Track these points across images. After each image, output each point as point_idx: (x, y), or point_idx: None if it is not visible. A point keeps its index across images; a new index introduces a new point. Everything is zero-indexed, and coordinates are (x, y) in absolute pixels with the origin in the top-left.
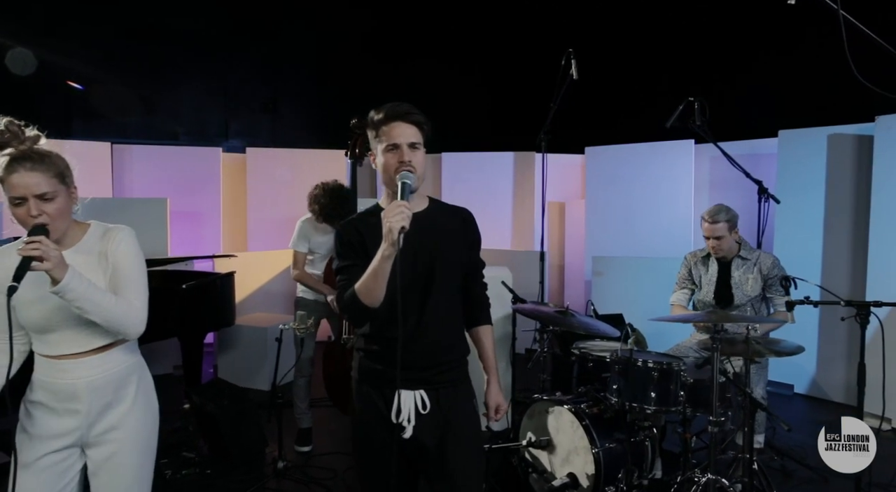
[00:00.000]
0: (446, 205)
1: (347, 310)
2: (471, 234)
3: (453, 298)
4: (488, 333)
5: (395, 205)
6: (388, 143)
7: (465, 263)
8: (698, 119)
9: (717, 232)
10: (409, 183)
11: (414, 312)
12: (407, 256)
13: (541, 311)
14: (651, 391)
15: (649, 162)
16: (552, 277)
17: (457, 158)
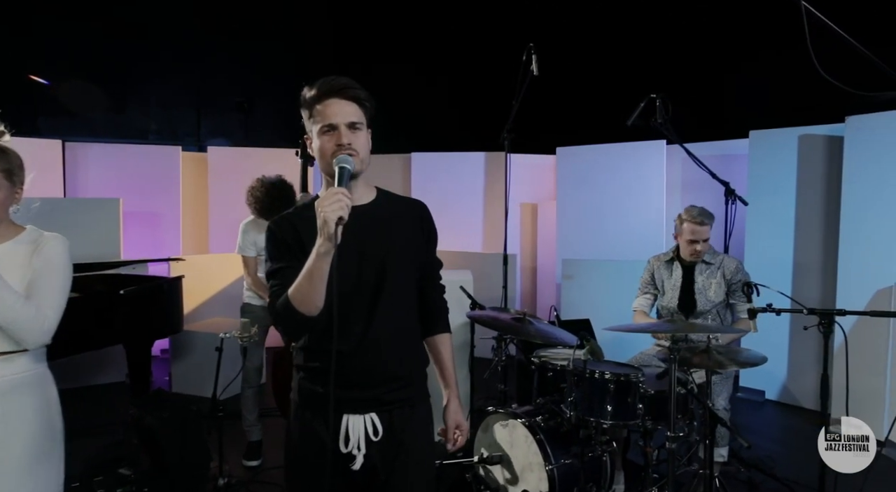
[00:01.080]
0: (398, 197)
1: (281, 320)
2: (427, 230)
3: (407, 303)
4: (446, 343)
5: (330, 192)
6: (323, 123)
7: (420, 263)
8: (660, 117)
9: (703, 234)
10: (347, 168)
11: (360, 321)
12: (351, 254)
13: (498, 318)
14: (607, 404)
15: (620, 163)
16: (524, 280)
17: (426, 158)
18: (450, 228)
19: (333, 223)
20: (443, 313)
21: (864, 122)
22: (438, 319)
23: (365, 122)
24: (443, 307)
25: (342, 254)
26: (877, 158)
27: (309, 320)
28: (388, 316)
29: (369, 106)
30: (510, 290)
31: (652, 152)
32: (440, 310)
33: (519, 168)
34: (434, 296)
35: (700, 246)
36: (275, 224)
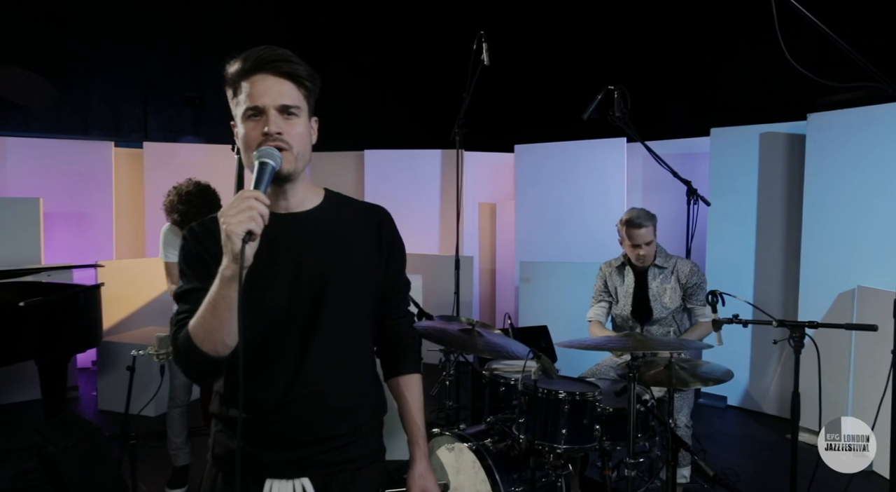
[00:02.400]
0: (353, 202)
1: (181, 360)
2: (388, 244)
3: (356, 337)
4: (414, 386)
5: (240, 196)
6: (247, 105)
7: (377, 286)
8: (618, 110)
9: (646, 237)
10: (271, 164)
11: (290, 362)
12: (281, 275)
13: (444, 330)
14: (561, 427)
15: (580, 161)
16: (483, 284)
17: (380, 156)
18: (405, 229)
19: (239, 239)
20: (410, 349)
21: (826, 119)
22: (404, 357)
23: (304, 106)
24: (410, 342)
25: (265, 276)
26: (839, 156)
27: (216, 363)
28: (329, 355)
29: (311, 86)
30: (467, 294)
31: (612, 150)
32: (407, 345)
33: (477, 166)
34: (398, 328)
35: (643, 250)
36: (189, 233)
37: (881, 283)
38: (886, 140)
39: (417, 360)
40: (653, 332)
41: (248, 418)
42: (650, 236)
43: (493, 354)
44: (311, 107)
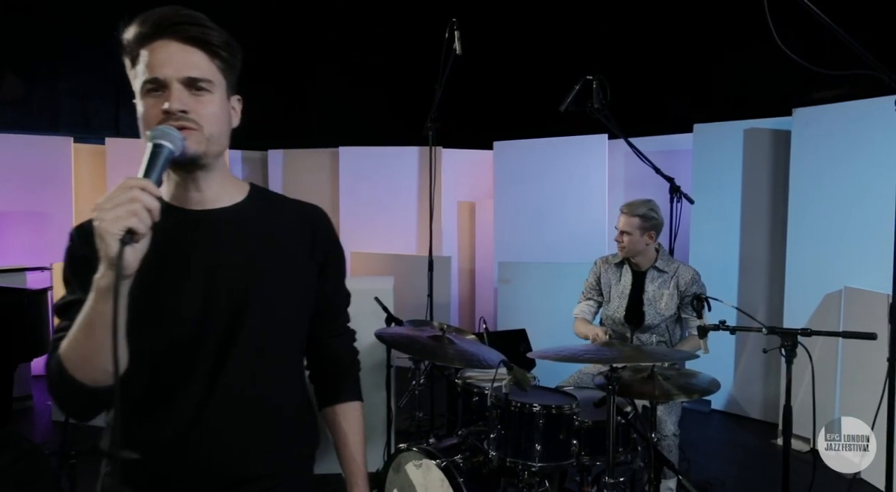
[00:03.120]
0: (283, 199)
1: (54, 393)
2: (324, 250)
3: (283, 359)
4: (354, 416)
5: (119, 187)
6: (146, 77)
7: (310, 300)
8: (597, 101)
9: (624, 225)
10: (167, 147)
11: (197, 389)
12: (187, 284)
13: (413, 337)
14: (536, 443)
15: (561, 158)
16: (462, 285)
17: (355, 153)
18: (381, 228)
19: (115, 239)
20: (349, 374)
21: (812, 114)
22: (342, 383)
23: (219, 81)
24: (350, 364)
25: (169, 285)
26: (825, 152)
27: (94, 394)
28: (247, 382)
29: (228, 58)
30: (444, 296)
31: (593, 147)
32: (345, 369)
33: (456, 164)
34: (336, 348)
35: (618, 237)
36: (77, 232)
37: (868, 283)
38: (874, 135)
39: (357, 385)
40: (642, 339)
41: (142, 459)
42: (630, 228)
43: (465, 362)
44: (230, 82)
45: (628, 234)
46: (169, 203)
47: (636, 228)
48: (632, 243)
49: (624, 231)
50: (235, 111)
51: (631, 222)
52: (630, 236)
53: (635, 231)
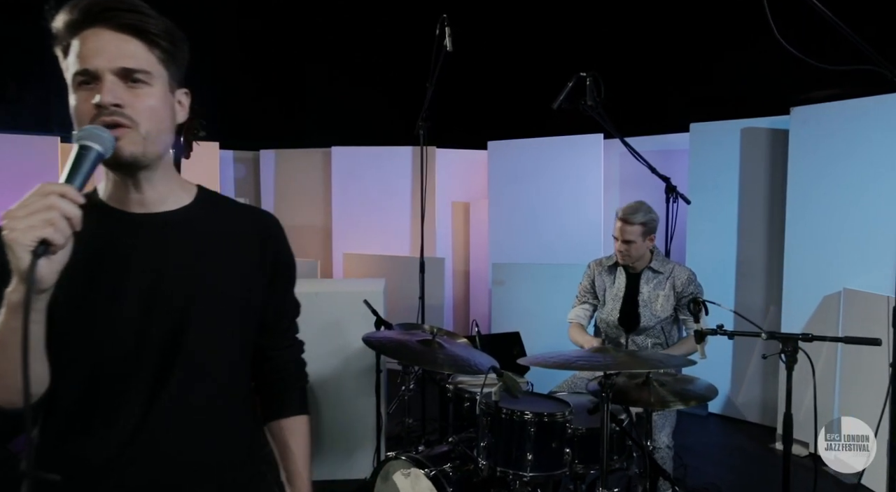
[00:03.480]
0: (233, 204)
1: None
2: (274, 260)
3: (228, 373)
4: (299, 431)
5: (34, 193)
6: (77, 68)
7: (257, 310)
8: (590, 98)
9: (628, 234)
10: (95, 150)
11: (133, 406)
12: (125, 294)
13: (402, 341)
14: (527, 452)
15: (555, 158)
16: (456, 286)
17: (348, 152)
18: (375, 229)
19: (27, 252)
20: (295, 386)
21: (810, 113)
22: (288, 396)
23: (160, 73)
24: (296, 377)
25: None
26: (824, 151)
27: (11, 415)
28: (189, 398)
29: (169, 48)
30: (438, 298)
31: (589, 147)
32: (291, 381)
33: (450, 164)
34: (283, 361)
35: (620, 246)
36: None
37: (868, 285)
38: (873, 134)
39: (303, 399)
40: (637, 342)
41: (72, 483)
42: (633, 236)
43: (455, 368)
44: (172, 75)
45: (631, 242)
46: (106, 204)
47: (638, 235)
48: (635, 250)
49: (628, 240)
50: (182, 106)
51: (633, 231)
52: (634, 245)
53: (637, 238)
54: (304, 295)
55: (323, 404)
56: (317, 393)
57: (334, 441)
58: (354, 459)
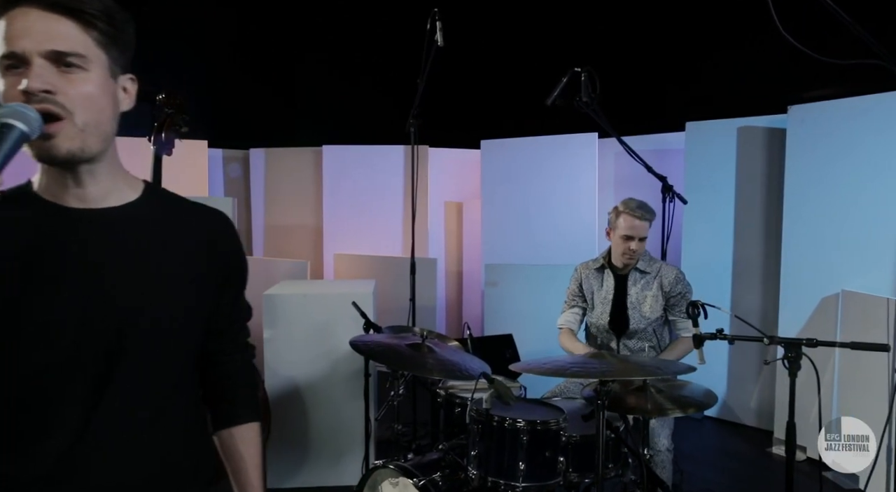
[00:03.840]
0: (183, 202)
1: None
2: (224, 261)
3: (175, 382)
4: (251, 439)
5: None
6: (3, 51)
7: (205, 314)
8: (585, 95)
9: (642, 231)
10: (19, 129)
11: (67, 420)
12: (62, 297)
13: (390, 345)
14: (520, 461)
15: (549, 157)
16: (449, 287)
17: (339, 151)
18: (366, 229)
19: None
20: (244, 393)
21: (808, 111)
22: (237, 403)
23: (98, 57)
24: (246, 383)
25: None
26: (822, 150)
27: None
28: (131, 409)
29: (108, 29)
30: (430, 299)
31: (583, 146)
32: (240, 388)
33: (442, 163)
34: (233, 367)
35: (635, 245)
36: None
37: (867, 286)
38: (872, 133)
39: (255, 406)
40: (629, 346)
41: None
42: (646, 232)
43: (445, 373)
44: (114, 59)
45: (642, 239)
46: (41, 197)
47: (648, 231)
48: (643, 248)
49: (642, 237)
50: (128, 93)
51: (646, 228)
52: (644, 242)
53: (648, 235)
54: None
55: (311, 408)
56: (304, 397)
57: (322, 447)
58: (343, 465)
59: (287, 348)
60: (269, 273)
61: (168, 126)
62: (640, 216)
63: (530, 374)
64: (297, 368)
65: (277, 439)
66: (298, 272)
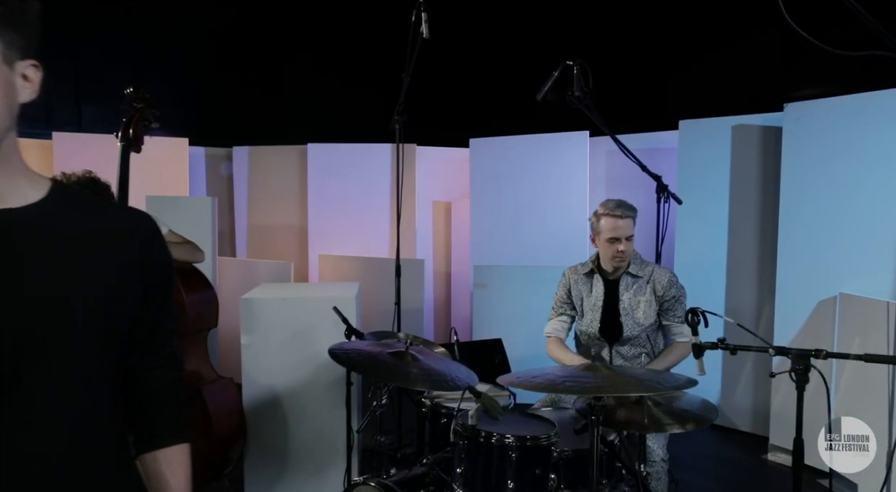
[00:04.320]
0: (97, 204)
1: None
2: (147, 268)
3: (85, 404)
4: (177, 462)
5: None
6: None
7: (122, 326)
8: (577, 89)
9: (626, 230)
10: None
11: None
12: None
13: (372, 354)
14: (508, 479)
15: (540, 156)
16: (438, 289)
17: (324, 149)
18: (353, 230)
19: None
20: (170, 411)
21: (805, 109)
22: (162, 423)
23: None
24: (172, 400)
25: None
26: (819, 149)
27: None
28: (36, 437)
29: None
30: (417, 301)
31: (574, 144)
32: (166, 406)
33: (431, 162)
34: (157, 383)
35: (623, 245)
36: None
37: (865, 289)
38: (870, 131)
39: (182, 425)
40: (623, 353)
41: None
42: (631, 230)
43: (430, 384)
44: (9, 43)
45: (631, 238)
46: None
47: (633, 228)
48: (632, 247)
49: (628, 236)
50: (29, 81)
51: (630, 226)
52: (631, 241)
53: (633, 232)
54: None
55: (290, 418)
56: (283, 407)
57: (302, 460)
58: (324, 479)
59: (265, 355)
60: (251, 275)
61: (137, 121)
62: (622, 215)
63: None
64: (275, 376)
65: (254, 451)
66: (281, 275)
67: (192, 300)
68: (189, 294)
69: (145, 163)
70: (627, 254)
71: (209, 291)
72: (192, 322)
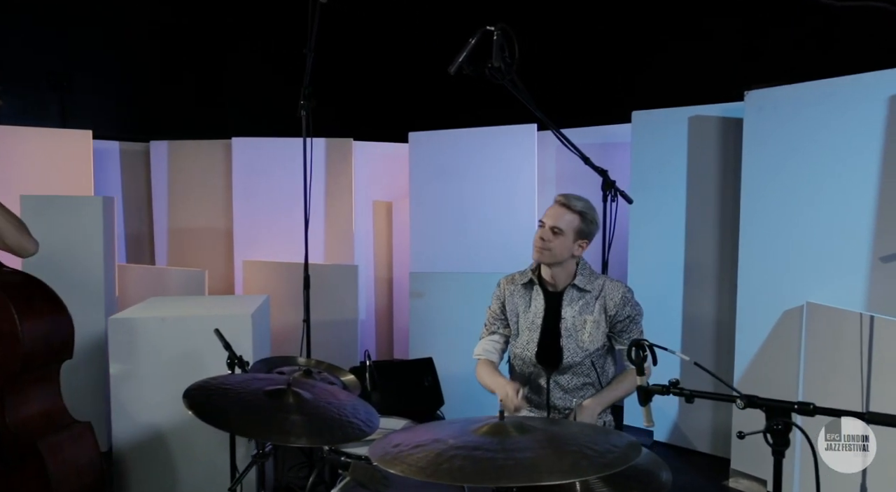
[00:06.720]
0: None
1: None
2: None
3: None
4: None
5: None
6: None
7: None
8: (497, 59)
9: (558, 220)
10: None
11: None
12: None
13: (242, 393)
14: None
15: (484, 150)
16: (379, 297)
17: (250, 144)
18: (284, 233)
19: None
20: None
21: (768, 97)
22: None
23: None
24: None
25: None
26: (783, 141)
27: None
28: None
29: None
30: (351, 312)
31: (521, 139)
32: None
33: (370, 159)
34: None
35: (544, 233)
36: None
37: (833, 298)
38: (839, 120)
39: None
40: (563, 384)
41: None
42: (564, 224)
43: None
44: None
45: (559, 233)
46: None
47: (571, 228)
48: (560, 247)
49: (556, 228)
50: None
51: (566, 218)
52: (561, 237)
53: (569, 232)
54: (147, 321)
55: (165, 464)
56: (158, 451)
57: None
58: None
59: (138, 387)
60: (160, 286)
61: None
62: (560, 202)
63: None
64: (150, 412)
65: None
66: (195, 284)
67: (30, 327)
68: (26, 319)
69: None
70: (546, 250)
71: (60, 315)
72: (31, 355)
